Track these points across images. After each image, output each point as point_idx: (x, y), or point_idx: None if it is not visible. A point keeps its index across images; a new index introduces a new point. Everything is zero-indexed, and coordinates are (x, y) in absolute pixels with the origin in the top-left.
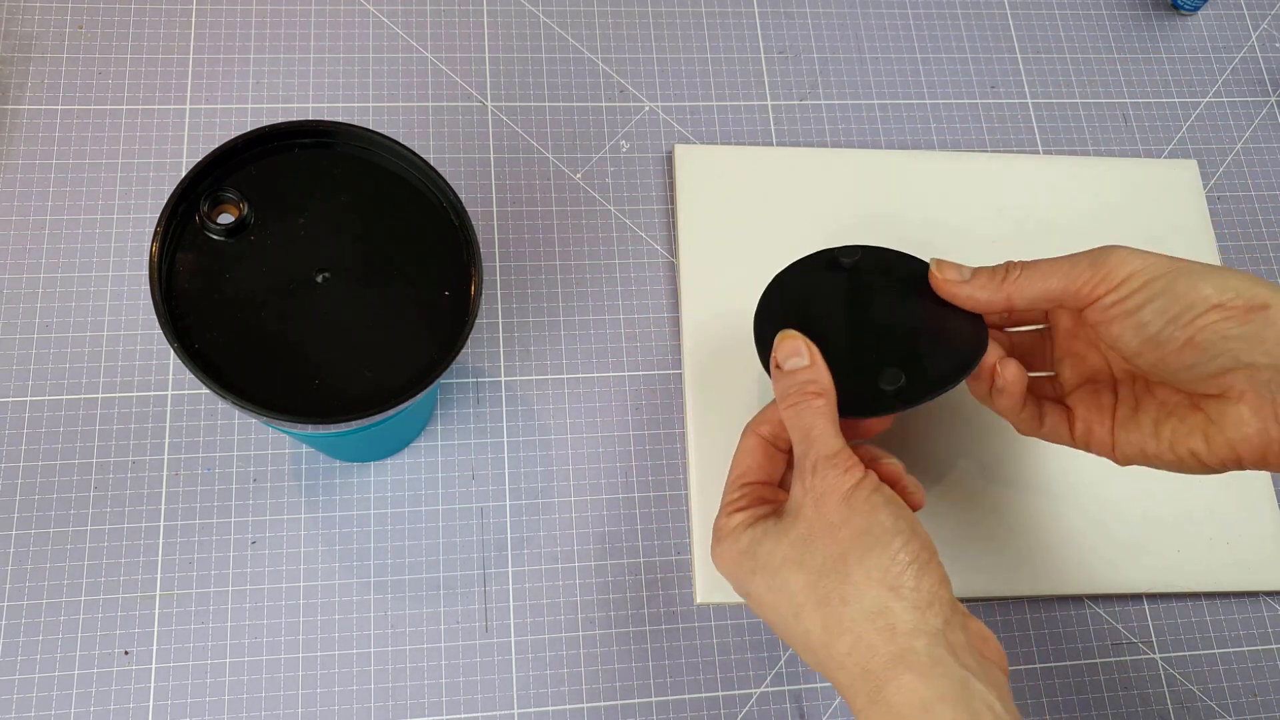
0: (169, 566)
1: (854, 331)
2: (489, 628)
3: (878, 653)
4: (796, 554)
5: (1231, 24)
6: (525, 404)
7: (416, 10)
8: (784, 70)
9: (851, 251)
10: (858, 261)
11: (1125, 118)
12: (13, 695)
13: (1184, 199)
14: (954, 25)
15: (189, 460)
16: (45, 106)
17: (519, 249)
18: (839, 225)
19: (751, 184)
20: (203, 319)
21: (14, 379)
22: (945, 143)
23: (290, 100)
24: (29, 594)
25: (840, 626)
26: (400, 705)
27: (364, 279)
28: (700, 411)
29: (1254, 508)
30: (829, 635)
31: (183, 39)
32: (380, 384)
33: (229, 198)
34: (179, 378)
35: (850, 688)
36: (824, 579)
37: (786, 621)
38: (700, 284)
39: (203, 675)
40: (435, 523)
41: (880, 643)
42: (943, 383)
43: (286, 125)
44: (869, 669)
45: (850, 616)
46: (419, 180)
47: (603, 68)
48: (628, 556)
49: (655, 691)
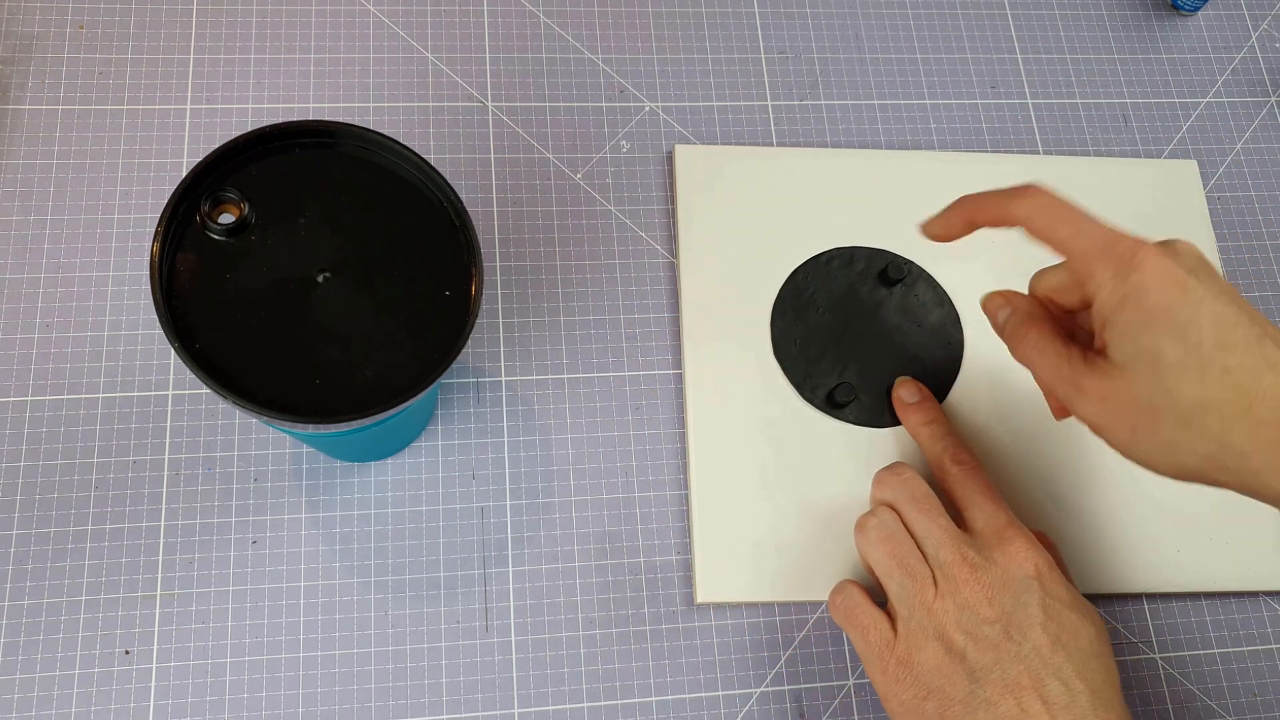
0: (169, 566)
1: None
2: (489, 627)
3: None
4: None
5: (1231, 24)
6: (525, 404)
7: (416, 10)
8: (784, 70)
9: (898, 269)
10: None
11: (1125, 118)
12: (13, 695)
13: (1184, 199)
14: (954, 25)
15: (189, 460)
16: (45, 107)
17: (519, 249)
18: (839, 225)
19: (751, 184)
20: (203, 319)
21: (14, 379)
22: (945, 143)
23: (290, 100)
24: (29, 594)
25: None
26: (400, 705)
27: (364, 279)
28: (700, 411)
29: (1254, 508)
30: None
31: (183, 39)
32: (381, 384)
33: (230, 198)
34: (179, 377)
35: None
36: None
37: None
38: (700, 284)
39: (203, 675)
40: (435, 522)
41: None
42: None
43: (287, 125)
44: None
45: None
46: (419, 180)
47: (603, 68)
48: (628, 556)
49: (655, 691)
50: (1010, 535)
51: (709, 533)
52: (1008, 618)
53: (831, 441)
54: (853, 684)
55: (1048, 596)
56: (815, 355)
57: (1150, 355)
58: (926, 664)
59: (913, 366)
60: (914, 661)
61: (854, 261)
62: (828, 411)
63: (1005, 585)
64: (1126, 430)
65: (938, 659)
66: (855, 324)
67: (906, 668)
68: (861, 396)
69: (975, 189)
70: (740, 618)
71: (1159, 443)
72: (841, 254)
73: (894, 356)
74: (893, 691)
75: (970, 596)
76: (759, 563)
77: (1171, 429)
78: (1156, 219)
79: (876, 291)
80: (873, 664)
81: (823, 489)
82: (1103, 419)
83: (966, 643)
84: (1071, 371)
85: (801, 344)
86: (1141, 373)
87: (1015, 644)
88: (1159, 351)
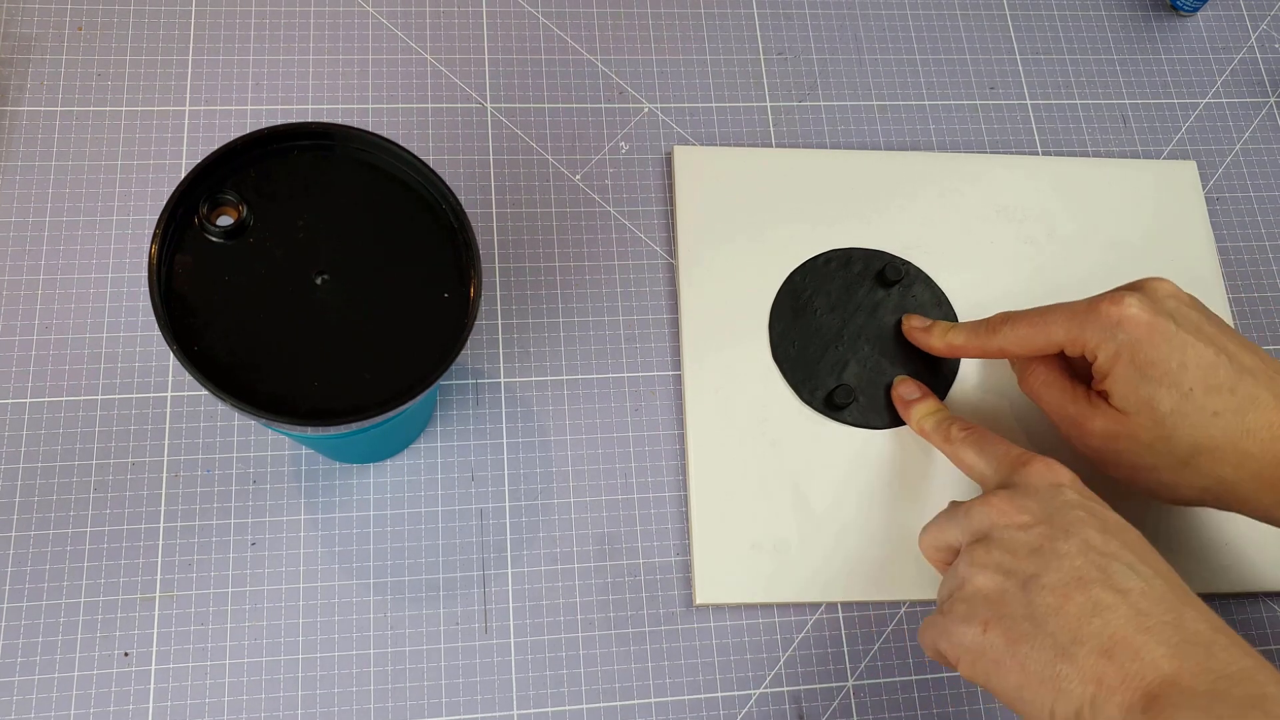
0: (169, 568)
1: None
2: (489, 628)
3: None
4: None
5: (1230, 25)
6: (525, 405)
7: (416, 12)
8: (783, 71)
9: (896, 270)
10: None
11: (1124, 118)
12: (12, 697)
13: (1183, 200)
14: (953, 25)
15: (189, 461)
16: (45, 107)
17: (518, 250)
18: (838, 226)
19: (751, 185)
20: (202, 321)
21: (14, 379)
22: (944, 144)
23: (290, 102)
24: (29, 595)
25: None
26: (400, 706)
27: (363, 281)
28: (700, 412)
29: None
30: None
31: (182, 40)
32: (380, 386)
33: (228, 200)
34: (179, 379)
35: None
36: None
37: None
38: (699, 285)
39: (203, 676)
40: (435, 524)
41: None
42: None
43: (286, 127)
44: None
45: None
46: (418, 182)
47: (602, 69)
48: (627, 557)
49: (655, 692)
50: (1027, 459)
51: (708, 534)
52: (1047, 519)
53: (830, 443)
54: (851, 685)
55: (1083, 498)
56: (814, 357)
57: (1148, 405)
58: (975, 595)
59: (911, 368)
60: (964, 597)
61: (852, 263)
62: (826, 413)
63: (1033, 494)
64: (1127, 469)
65: (984, 584)
66: (853, 325)
67: (959, 607)
68: (860, 398)
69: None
70: (739, 619)
71: (1158, 480)
72: (839, 255)
73: (892, 358)
74: (960, 642)
75: (1000, 518)
76: (758, 564)
77: (1171, 469)
78: (1155, 220)
79: (874, 293)
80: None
81: (822, 490)
82: (1105, 457)
83: (1005, 556)
84: (1076, 411)
85: (800, 345)
86: (1142, 419)
87: (1062, 540)
88: (1155, 401)
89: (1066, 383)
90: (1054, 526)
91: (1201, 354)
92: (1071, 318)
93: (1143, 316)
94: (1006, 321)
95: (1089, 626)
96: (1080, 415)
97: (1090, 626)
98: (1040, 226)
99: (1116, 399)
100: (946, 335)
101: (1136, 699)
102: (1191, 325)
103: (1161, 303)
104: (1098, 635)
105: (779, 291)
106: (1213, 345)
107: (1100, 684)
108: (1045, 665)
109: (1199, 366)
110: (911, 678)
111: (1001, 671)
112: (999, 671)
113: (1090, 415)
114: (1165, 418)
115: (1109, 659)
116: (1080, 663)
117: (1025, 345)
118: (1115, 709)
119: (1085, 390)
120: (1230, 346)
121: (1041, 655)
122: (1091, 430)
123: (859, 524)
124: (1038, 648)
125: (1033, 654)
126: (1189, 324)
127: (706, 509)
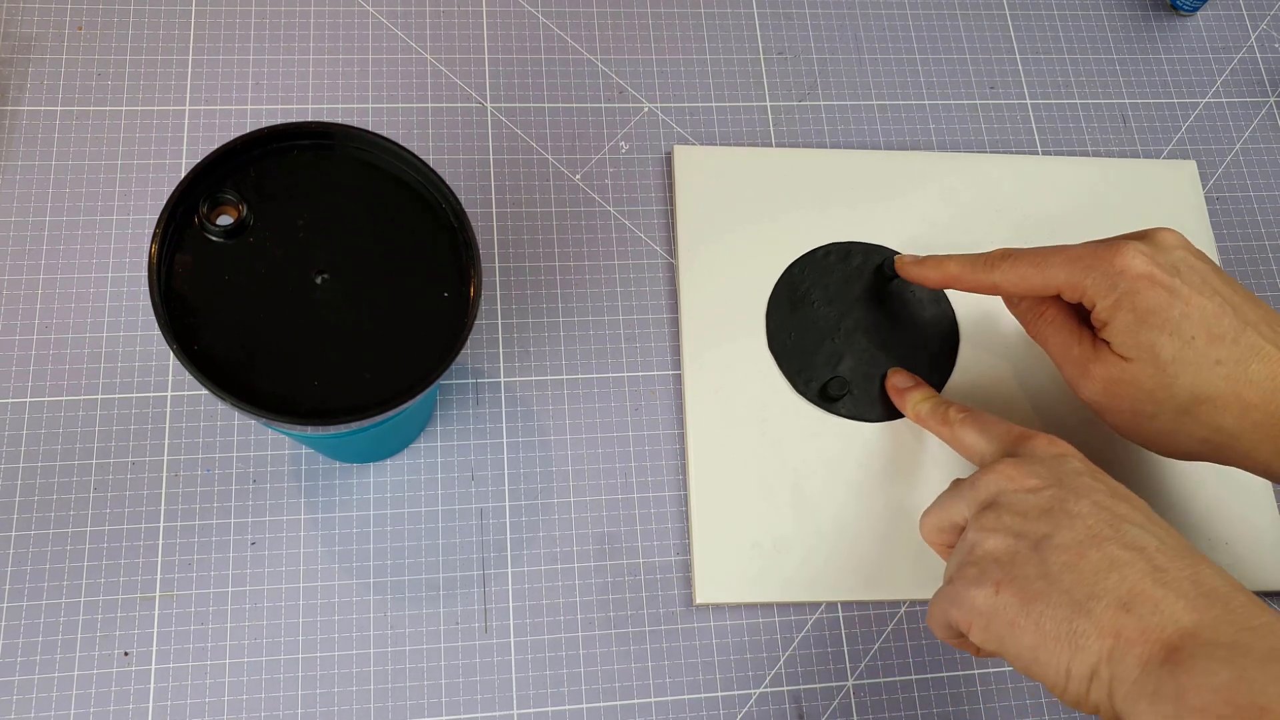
0: (169, 567)
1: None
2: (489, 628)
3: None
4: None
5: (1230, 24)
6: (525, 405)
7: (416, 11)
8: (783, 71)
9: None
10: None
11: (1124, 118)
12: (12, 696)
13: (1183, 199)
14: (953, 25)
15: (189, 461)
16: (45, 107)
17: (518, 250)
18: (838, 226)
19: (751, 185)
20: (202, 320)
21: (14, 379)
22: (944, 143)
23: (290, 101)
24: (28, 595)
25: None
26: (400, 706)
27: (363, 280)
28: (700, 412)
29: (1254, 508)
30: None
31: (182, 39)
32: (380, 385)
33: (228, 199)
34: (178, 378)
35: None
36: None
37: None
38: (699, 285)
39: (202, 676)
40: (435, 523)
41: None
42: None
43: (286, 126)
44: None
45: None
46: (418, 182)
47: (602, 69)
48: (627, 557)
49: (655, 692)
50: (1030, 434)
51: (708, 533)
52: (1056, 482)
53: (827, 437)
54: (851, 685)
55: (1088, 466)
56: (810, 349)
57: (1149, 351)
58: (985, 558)
59: (908, 362)
60: (974, 560)
61: (850, 256)
62: (821, 405)
63: (1040, 461)
64: (1128, 415)
65: (994, 546)
66: (851, 318)
67: (969, 570)
68: (855, 391)
69: (974, 189)
70: (739, 618)
71: (1158, 428)
72: (838, 249)
73: (889, 352)
74: (972, 606)
75: (1008, 484)
76: (758, 564)
77: (1171, 417)
78: (1155, 219)
79: (872, 286)
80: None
81: (821, 488)
82: (1106, 402)
83: (1015, 519)
84: (1080, 354)
85: (796, 337)
86: (1143, 365)
87: (1073, 501)
88: (1156, 348)
89: (1074, 325)
90: (1064, 489)
91: (1204, 305)
92: (1074, 262)
93: (1144, 268)
94: (1006, 258)
95: (1106, 581)
96: (1084, 357)
97: (1107, 581)
98: (1040, 226)
99: (1117, 346)
100: (943, 264)
101: (1156, 651)
102: (1197, 277)
103: (1167, 253)
104: (1115, 590)
105: (777, 283)
106: (1217, 296)
107: (1118, 637)
108: (1061, 622)
109: (1202, 316)
110: (911, 677)
111: (1016, 632)
112: (1013, 633)
113: (1094, 358)
114: (1167, 364)
115: (1127, 612)
116: (1098, 617)
117: (1022, 284)
118: (1134, 661)
119: (1091, 334)
120: (1235, 299)
121: (1057, 613)
122: (1094, 374)
123: (859, 523)
124: (1053, 605)
125: (1048, 611)
126: (1194, 275)
127: (706, 508)
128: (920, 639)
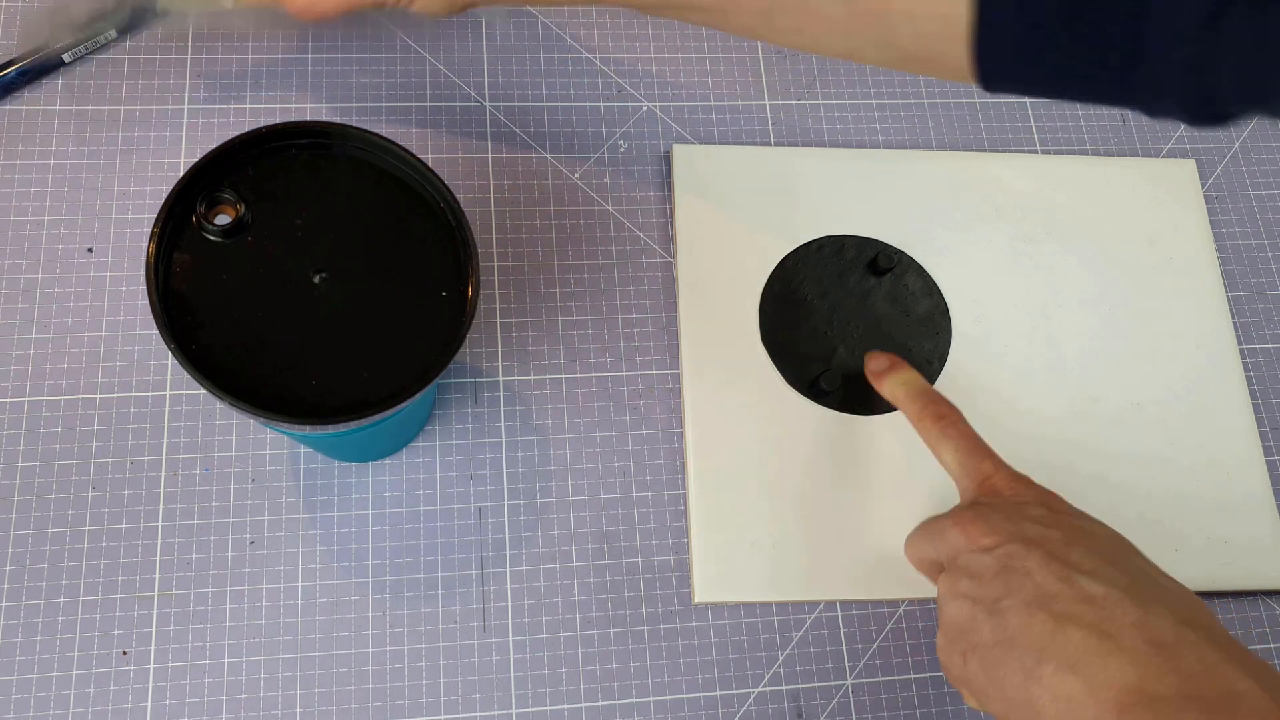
0: (168, 567)
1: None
2: (487, 627)
3: None
4: None
5: None
6: (524, 404)
7: None
8: (781, 70)
9: (889, 258)
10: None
11: (1123, 117)
12: (11, 695)
13: (1182, 198)
14: None
15: (187, 460)
16: (44, 107)
17: (517, 249)
18: (837, 225)
19: (749, 184)
20: (200, 319)
21: (13, 379)
22: (943, 142)
23: (288, 100)
24: (28, 594)
25: None
26: (399, 705)
27: (361, 279)
28: (699, 411)
29: (1253, 508)
30: None
31: (182, 39)
32: (378, 384)
33: (226, 198)
34: (177, 378)
35: None
36: None
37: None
38: (698, 283)
39: (201, 675)
40: (434, 523)
41: None
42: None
43: (284, 126)
44: None
45: None
46: (416, 181)
47: (601, 68)
48: (626, 556)
49: (653, 691)
50: (993, 474)
51: (707, 532)
52: (1010, 538)
53: (824, 433)
54: (850, 684)
55: (1047, 510)
56: (803, 342)
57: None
58: (951, 627)
59: (900, 355)
60: (944, 628)
61: (844, 250)
62: (813, 398)
63: (997, 510)
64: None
65: (955, 614)
66: (843, 312)
67: (941, 640)
68: (846, 384)
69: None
70: (738, 617)
71: None
72: (832, 242)
73: (882, 345)
74: (955, 676)
75: (965, 543)
76: (757, 563)
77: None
78: (1155, 218)
79: (866, 280)
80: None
81: (821, 486)
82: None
83: (972, 584)
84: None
85: (789, 331)
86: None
87: (1023, 556)
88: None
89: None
90: (1017, 542)
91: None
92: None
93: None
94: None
95: (1053, 644)
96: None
97: (1054, 644)
98: (1039, 225)
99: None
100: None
101: (1107, 712)
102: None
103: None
104: (1062, 651)
105: (770, 276)
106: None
107: (1070, 701)
108: (1019, 689)
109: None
110: (910, 676)
111: (988, 700)
112: (987, 700)
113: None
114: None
115: (1075, 674)
116: (1047, 682)
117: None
118: None
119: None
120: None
121: (1014, 679)
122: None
123: (857, 521)
124: (1011, 672)
125: (1008, 678)
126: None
127: (705, 507)
128: (919, 638)
